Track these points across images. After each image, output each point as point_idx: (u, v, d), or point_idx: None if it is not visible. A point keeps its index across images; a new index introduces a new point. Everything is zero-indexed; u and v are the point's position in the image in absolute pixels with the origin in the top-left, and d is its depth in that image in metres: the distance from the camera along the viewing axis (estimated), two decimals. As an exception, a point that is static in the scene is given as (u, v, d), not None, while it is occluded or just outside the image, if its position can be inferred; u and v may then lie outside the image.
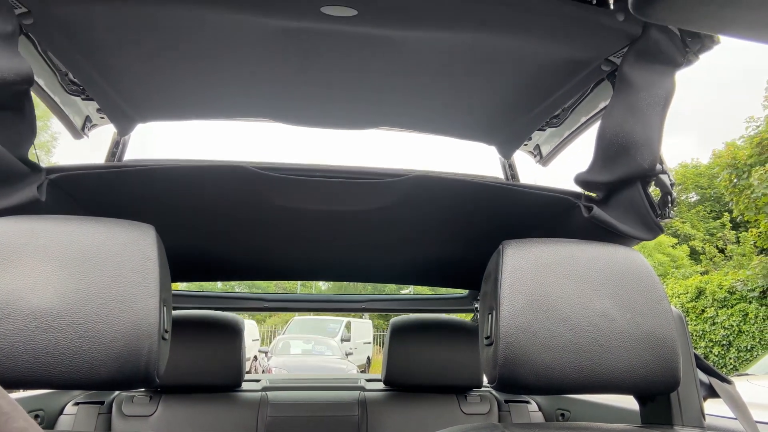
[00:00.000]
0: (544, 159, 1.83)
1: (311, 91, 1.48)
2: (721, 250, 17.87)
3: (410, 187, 1.31)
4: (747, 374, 5.70)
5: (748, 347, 10.87)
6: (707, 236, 22.11)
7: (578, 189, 1.34)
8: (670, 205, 1.22)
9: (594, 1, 1.10)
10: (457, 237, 1.68)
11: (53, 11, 1.09)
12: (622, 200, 1.23)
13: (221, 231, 1.61)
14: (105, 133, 1.70)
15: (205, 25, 1.18)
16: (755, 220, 11.49)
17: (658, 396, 1.05)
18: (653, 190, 1.25)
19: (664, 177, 1.21)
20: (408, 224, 1.58)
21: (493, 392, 2.06)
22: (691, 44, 1.13)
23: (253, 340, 17.72)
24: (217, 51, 1.27)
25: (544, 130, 1.70)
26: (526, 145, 1.82)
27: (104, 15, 1.13)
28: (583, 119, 1.56)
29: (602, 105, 1.45)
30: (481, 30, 1.19)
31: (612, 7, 1.09)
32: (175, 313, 1.31)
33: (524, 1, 1.10)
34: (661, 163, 1.20)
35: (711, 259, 17.56)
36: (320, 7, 1.10)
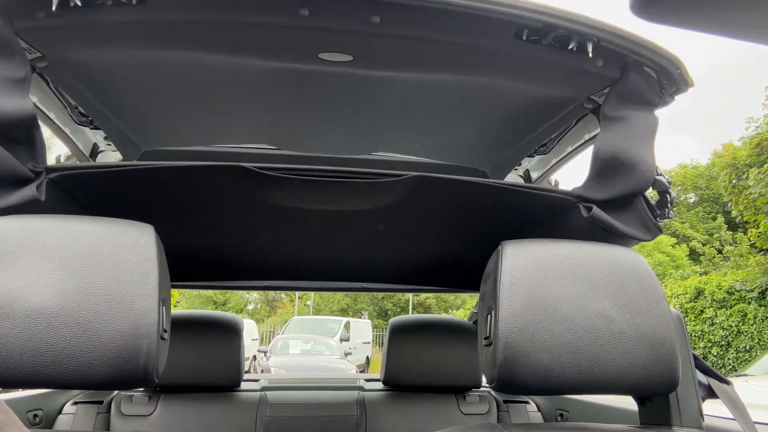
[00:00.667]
0: (534, 182, 1.89)
1: (309, 122, 1.55)
2: (719, 251, 17.90)
3: (410, 186, 1.30)
4: (746, 375, 5.71)
5: (747, 348, 10.88)
6: (706, 236, 22.14)
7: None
8: (669, 205, 1.25)
9: (574, 48, 1.14)
10: (456, 237, 1.69)
11: (66, 55, 1.18)
12: (621, 202, 1.25)
13: (219, 230, 1.62)
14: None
15: (206, 67, 1.24)
16: (754, 221, 11.50)
17: (656, 396, 1.05)
18: (651, 191, 1.27)
19: (660, 179, 1.23)
20: (408, 224, 1.57)
21: (492, 392, 2.06)
22: (666, 86, 1.19)
23: (252, 340, 17.74)
24: (218, 89, 1.35)
25: (533, 156, 1.76)
26: (516, 169, 1.87)
27: (112, 58, 1.22)
28: (570, 148, 1.62)
29: (587, 136, 1.52)
30: (470, 73, 1.27)
31: (591, 54, 1.14)
32: (174, 312, 1.31)
33: (509, 48, 1.16)
34: (656, 167, 1.22)
35: (711, 260, 17.58)
36: (318, 53, 1.18)
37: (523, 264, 0.91)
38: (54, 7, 1.01)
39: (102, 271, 0.80)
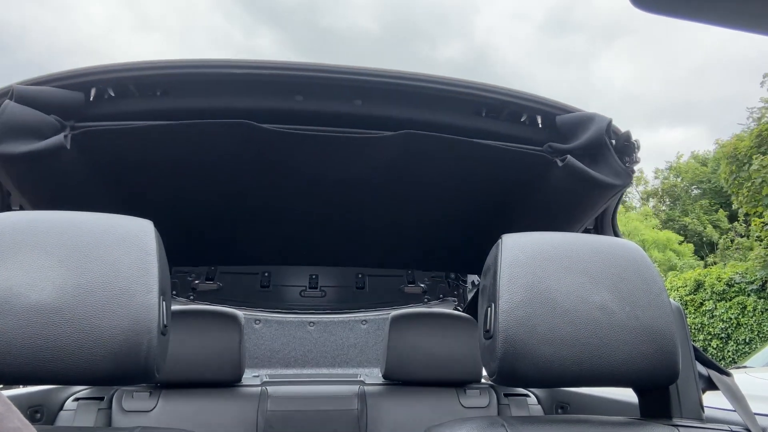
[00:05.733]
0: None
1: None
2: (732, 241, 17.85)
3: (401, 143, 1.41)
4: (745, 366, 5.72)
5: (747, 340, 10.90)
6: (711, 228, 22.12)
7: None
8: (635, 152, 1.42)
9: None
10: (449, 205, 1.76)
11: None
12: (591, 151, 1.40)
13: (221, 192, 1.67)
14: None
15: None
16: (754, 212, 11.49)
17: (657, 388, 1.05)
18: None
19: (619, 129, 1.43)
20: (400, 186, 1.65)
21: (493, 385, 2.06)
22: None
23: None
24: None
25: None
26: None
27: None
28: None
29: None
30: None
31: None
32: (174, 307, 1.32)
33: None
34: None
35: (726, 249, 17.49)
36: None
37: (523, 257, 0.91)
38: (91, 98, 1.31)
39: (102, 267, 0.80)
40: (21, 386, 1.78)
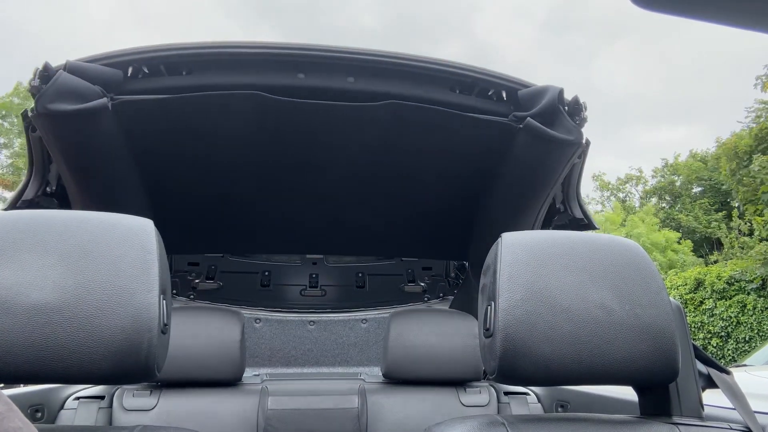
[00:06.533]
0: None
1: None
2: (737, 238, 17.79)
3: (388, 112, 1.65)
4: (745, 365, 5.72)
5: (747, 338, 10.91)
6: (708, 228, 22.11)
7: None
8: (582, 112, 1.68)
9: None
10: (431, 170, 1.95)
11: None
12: (547, 115, 1.65)
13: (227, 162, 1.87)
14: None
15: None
16: (755, 210, 11.49)
17: (656, 387, 1.05)
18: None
19: (574, 97, 1.67)
20: (389, 157, 1.86)
21: (493, 384, 2.06)
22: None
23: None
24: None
25: None
26: None
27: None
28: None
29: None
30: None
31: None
32: (175, 306, 1.33)
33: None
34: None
35: (731, 248, 17.45)
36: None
37: (523, 255, 0.91)
38: (129, 75, 1.57)
39: (102, 265, 0.80)
40: (22, 385, 1.78)
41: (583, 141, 1.71)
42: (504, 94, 1.71)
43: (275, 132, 1.73)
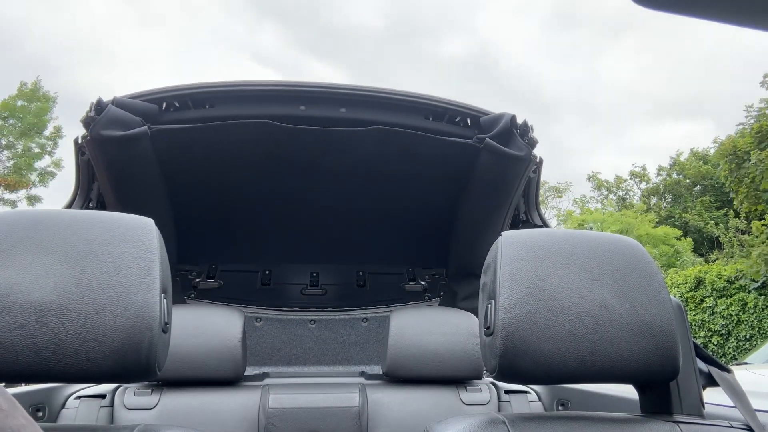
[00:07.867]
0: None
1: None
2: (738, 236, 17.76)
3: (373, 137, 1.99)
4: (746, 363, 5.72)
5: (747, 336, 10.90)
6: (712, 225, 22.07)
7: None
8: (530, 132, 2.03)
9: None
10: (411, 186, 2.26)
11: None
12: (502, 137, 2.02)
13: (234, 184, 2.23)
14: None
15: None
16: (755, 210, 11.47)
17: (657, 385, 1.05)
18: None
19: (523, 120, 2.04)
20: (374, 176, 2.19)
21: (493, 382, 2.06)
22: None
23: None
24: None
25: None
26: None
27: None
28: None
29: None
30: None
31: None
32: (175, 305, 1.33)
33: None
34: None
35: (731, 248, 17.44)
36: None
37: (523, 254, 0.92)
38: (162, 109, 1.93)
39: (103, 265, 0.80)
40: (23, 384, 1.78)
41: (536, 158, 2.07)
42: (468, 121, 2.08)
43: (281, 154, 2.09)
